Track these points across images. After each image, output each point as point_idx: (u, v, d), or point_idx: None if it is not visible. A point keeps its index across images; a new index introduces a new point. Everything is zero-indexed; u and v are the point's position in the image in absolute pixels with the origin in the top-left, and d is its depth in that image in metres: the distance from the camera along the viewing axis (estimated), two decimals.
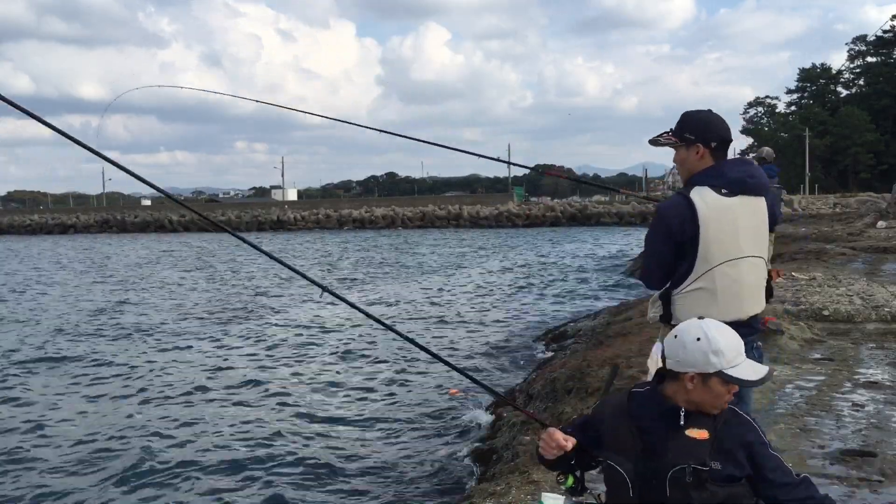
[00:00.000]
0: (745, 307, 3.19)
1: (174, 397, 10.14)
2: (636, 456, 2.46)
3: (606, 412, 2.60)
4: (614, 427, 2.54)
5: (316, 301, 19.37)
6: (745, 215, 3.15)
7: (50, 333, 15.50)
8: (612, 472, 2.51)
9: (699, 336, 2.41)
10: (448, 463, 7.23)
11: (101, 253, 44.91)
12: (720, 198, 3.09)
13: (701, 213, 3.06)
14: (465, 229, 63.75)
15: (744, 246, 3.14)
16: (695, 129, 3.21)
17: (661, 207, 3.22)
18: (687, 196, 3.11)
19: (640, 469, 2.45)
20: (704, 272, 3.10)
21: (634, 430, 2.49)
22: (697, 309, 3.02)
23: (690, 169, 3.22)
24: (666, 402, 2.49)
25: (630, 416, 2.52)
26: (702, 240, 3.08)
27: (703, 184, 3.13)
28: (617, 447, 2.51)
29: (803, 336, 8.12)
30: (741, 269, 3.14)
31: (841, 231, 22.16)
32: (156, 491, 6.90)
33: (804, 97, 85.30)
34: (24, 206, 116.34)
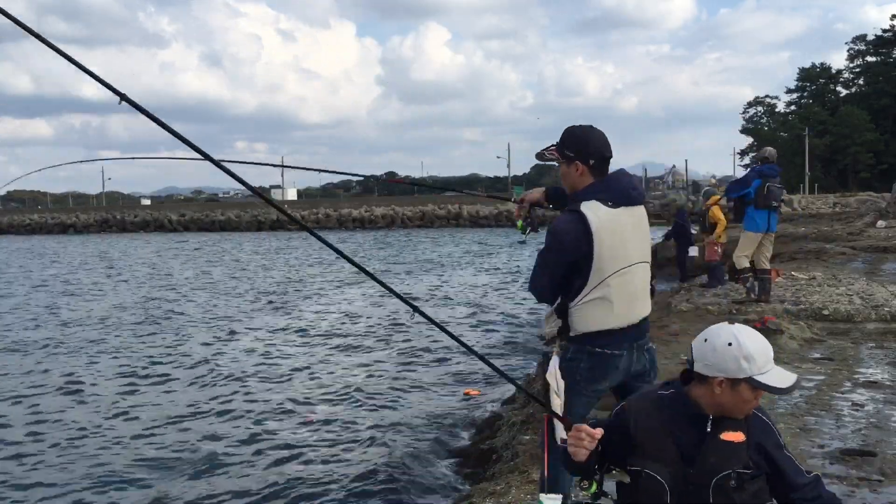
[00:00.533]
0: (637, 311, 3.34)
1: (175, 389, 10.14)
2: (674, 462, 2.42)
3: (637, 417, 2.52)
4: (648, 432, 2.48)
5: (329, 297, 19.40)
6: (632, 225, 3.29)
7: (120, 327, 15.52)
8: (648, 481, 2.45)
9: (730, 341, 2.38)
10: (449, 462, 7.23)
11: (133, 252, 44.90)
12: (609, 210, 3.22)
13: (594, 228, 3.18)
14: (465, 229, 63.74)
15: (632, 254, 3.28)
16: (574, 146, 3.33)
17: (556, 227, 3.26)
18: (579, 212, 3.21)
19: (678, 476, 2.41)
20: (599, 283, 3.22)
21: (668, 435, 2.45)
22: (595, 318, 3.22)
23: (573, 184, 3.34)
24: (692, 406, 2.45)
25: (662, 421, 2.48)
26: (596, 254, 3.19)
27: (590, 198, 3.24)
28: (653, 454, 2.45)
29: (803, 336, 8.12)
30: (632, 276, 3.28)
31: (841, 231, 22.16)
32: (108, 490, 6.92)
33: (804, 97, 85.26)
34: (24, 205, 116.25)
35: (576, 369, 3.30)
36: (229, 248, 45.44)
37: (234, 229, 72.48)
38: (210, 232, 70.92)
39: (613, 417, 2.61)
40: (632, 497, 2.52)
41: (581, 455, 2.53)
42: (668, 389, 2.54)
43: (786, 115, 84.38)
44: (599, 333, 3.26)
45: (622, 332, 3.30)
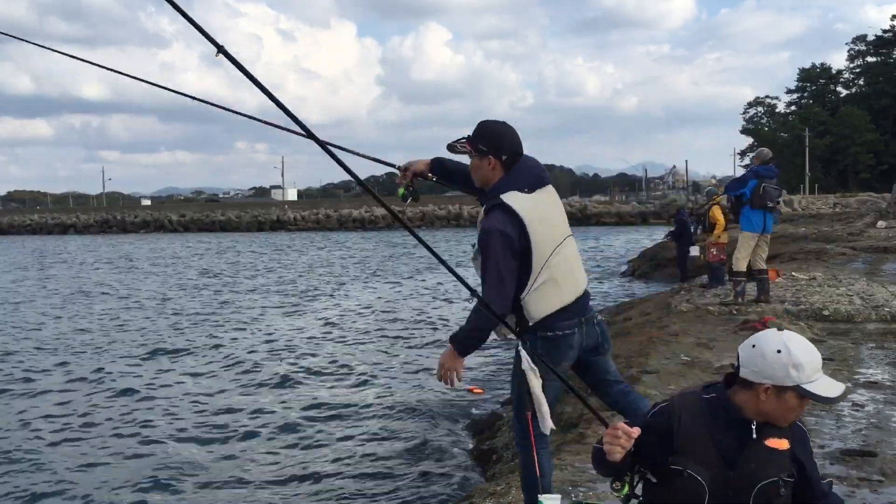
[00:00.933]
0: (580, 281, 3.47)
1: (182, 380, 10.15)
2: (715, 465, 2.40)
3: (681, 416, 2.48)
4: (691, 433, 2.44)
5: (337, 295, 19.39)
6: (549, 204, 3.43)
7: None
8: (688, 481, 2.42)
9: (780, 348, 2.34)
10: (449, 462, 7.23)
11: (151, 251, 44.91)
12: (528, 196, 3.33)
13: (524, 216, 3.26)
14: (465, 229, 63.77)
15: (560, 230, 3.41)
16: (488, 141, 3.38)
17: (493, 227, 3.26)
18: (505, 205, 3.28)
19: (718, 479, 2.39)
20: (542, 267, 3.30)
21: (710, 437, 2.43)
22: (548, 301, 3.31)
23: (484, 177, 3.42)
24: (735, 410, 2.43)
25: (705, 423, 2.44)
26: (533, 241, 3.27)
27: (506, 190, 3.32)
28: (694, 454, 2.42)
29: (803, 336, 8.12)
30: (566, 250, 3.41)
31: (841, 231, 22.16)
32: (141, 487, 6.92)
33: (804, 97, 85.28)
34: (24, 205, 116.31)
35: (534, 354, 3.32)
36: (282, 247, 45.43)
37: (235, 230, 72.50)
38: (210, 232, 70.94)
39: (655, 415, 2.56)
40: (666, 497, 2.49)
41: (616, 454, 2.46)
42: (711, 393, 2.50)
43: (786, 116, 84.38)
44: (551, 316, 3.33)
45: (570, 309, 3.37)
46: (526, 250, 3.27)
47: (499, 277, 3.25)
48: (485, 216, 3.35)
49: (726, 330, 8.49)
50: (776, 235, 22.34)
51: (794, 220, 32.30)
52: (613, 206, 68.87)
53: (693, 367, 6.93)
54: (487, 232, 3.26)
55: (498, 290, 3.26)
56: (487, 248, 3.26)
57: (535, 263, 3.29)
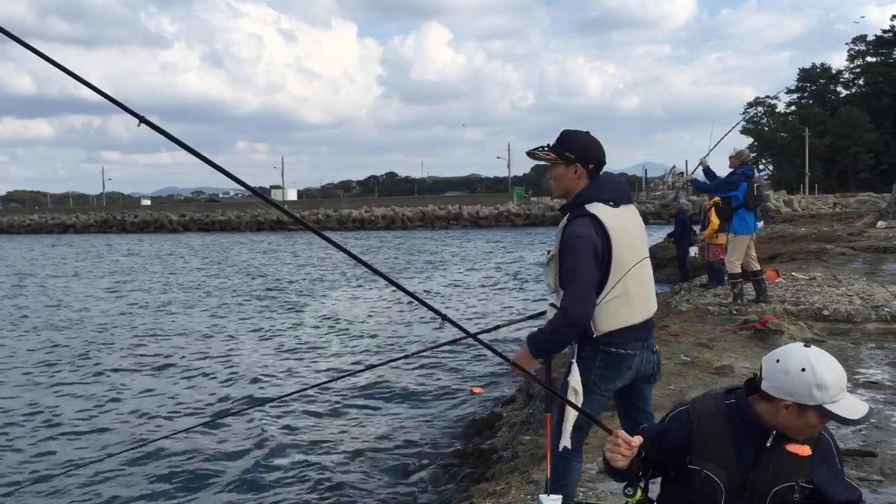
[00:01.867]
0: (651, 304, 3.43)
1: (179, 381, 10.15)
2: (733, 467, 2.40)
3: (702, 418, 2.49)
4: (711, 435, 2.45)
5: (337, 294, 19.37)
6: (633, 222, 3.40)
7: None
8: (705, 482, 2.42)
9: (804, 366, 2.29)
10: (449, 462, 7.22)
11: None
12: (613, 209, 3.32)
13: (608, 226, 3.25)
14: (465, 229, 63.74)
15: (640, 249, 3.38)
16: (576, 149, 3.37)
17: (579, 232, 3.23)
18: (591, 214, 3.26)
19: (735, 481, 2.39)
20: (619, 280, 3.27)
21: (730, 441, 2.43)
22: (617, 315, 3.26)
23: (566, 186, 3.41)
24: (755, 418, 2.41)
25: (726, 426, 2.44)
26: (614, 250, 3.25)
27: (591, 199, 3.31)
28: (713, 456, 2.42)
29: (803, 336, 8.12)
30: (644, 270, 3.38)
31: (841, 231, 22.14)
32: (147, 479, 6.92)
33: (804, 97, 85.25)
34: (24, 206, 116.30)
35: (591, 368, 3.31)
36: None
37: (235, 229, 72.51)
38: (210, 232, 70.93)
39: (675, 418, 2.56)
40: (683, 497, 2.49)
41: (619, 462, 2.49)
42: (731, 398, 2.49)
43: (786, 116, 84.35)
44: (616, 332, 3.29)
45: (636, 329, 3.34)
46: (606, 258, 3.25)
47: (585, 282, 3.21)
48: (568, 223, 3.31)
49: (726, 330, 8.48)
50: (776, 235, 22.43)
51: (794, 220, 32.27)
52: None
53: (693, 367, 6.93)
54: (575, 237, 3.23)
55: (581, 299, 3.21)
56: (573, 253, 3.22)
57: (611, 276, 3.26)
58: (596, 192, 3.34)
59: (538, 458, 5.30)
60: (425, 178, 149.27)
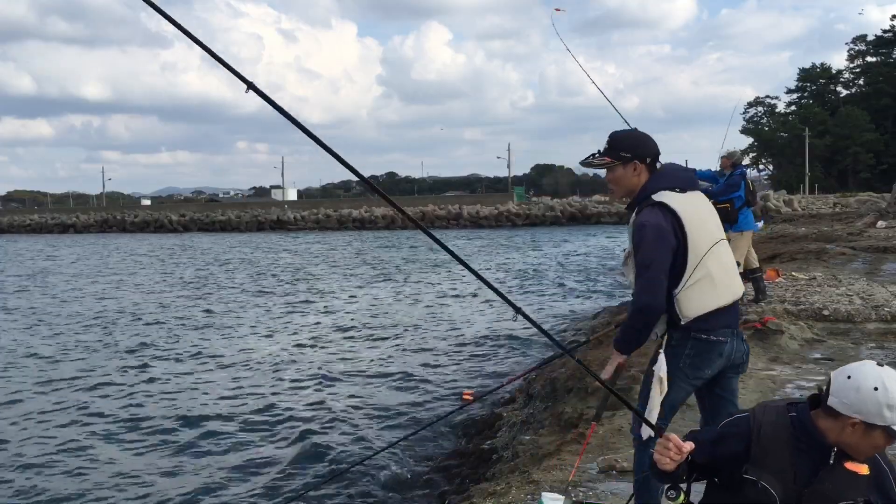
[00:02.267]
0: (735, 286, 3.38)
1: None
2: (789, 481, 2.37)
3: (763, 427, 2.45)
4: (772, 444, 2.41)
5: (339, 298, 19.38)
6: (704, 206, 3.40)
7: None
8: (761, 493, 2.39)
9: (877, 385, 2.25)
10: (448, 462, 7.22)
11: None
12: (681, 195, 3.31)
13: (680, 211, 3.23)
14: (465, 229, 63.74)
15: (715, 231, 3.36)
16: (630, 147, 3.37)
17: (651, 221, 3.22)
18: (660, 202, 3.25)
19: (790, 494, 2.36)
20: (698, 263, 3.23)
21: (789, 454, 2.39)
22: (703, 298, 3.22)
23: (628, 185, 3.39)
24: (817, 433, 2.38)
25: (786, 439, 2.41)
26: (689, 234, 3.23)
27: (656, 189, 3.30)
28: (769, 467, 2.39)
29: (803, 336, 8.12)
30: (722, 251, 3.34)
31: (841, 231, 22.13)
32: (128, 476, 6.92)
33: (804, 97, 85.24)
34: (24, 205, 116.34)
35: (680, 356, 3.26)
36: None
37: (235, 229, 72.51)
38: (210, 232, 70.94)
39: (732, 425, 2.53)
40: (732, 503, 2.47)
41: (667, 465, 2.46)
42: (793, 411, 2.46)
43: (786, 116, 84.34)
44: (705, 317, 3.25)
45: (724, 313, 3.29)
46: (681, 245, 3.22)
47: (654, 272, 3.18)
48: (636, 215, 3.30)
49: None
50: (776, 235, 22.41)
51: (794, 220, 32.27)
52: (613, 206, 68.82)
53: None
54: (641, 227, 3.22)
55: (650, 289, 3.19)
56: (641, 242, 3.20)
57: (689, 260, 3.23)
58: (660, 182, 3.33)
59: (538, 458, 5.30)
60: (425, 178, 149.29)
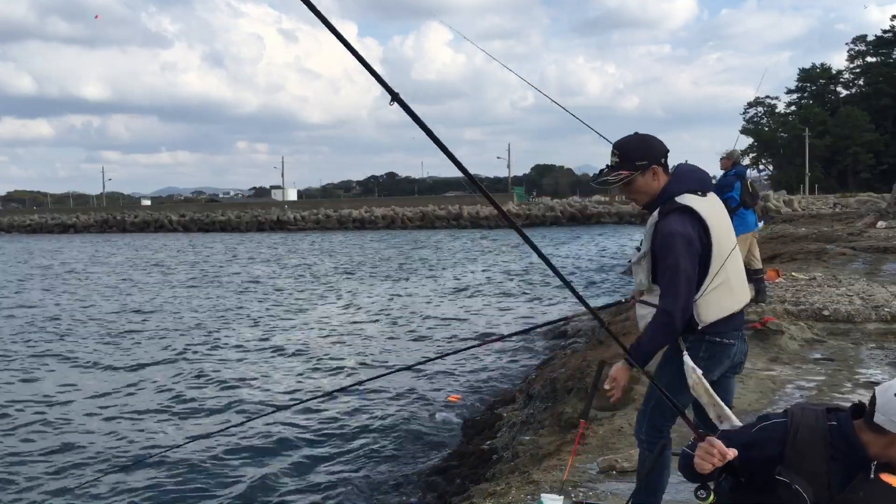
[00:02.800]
0: (746, 290, 3.40)
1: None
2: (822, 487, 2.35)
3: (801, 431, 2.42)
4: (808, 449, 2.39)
5: (332, 302, 19.38)
6: (721, 210, 3.35)
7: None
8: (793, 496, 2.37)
9: None
10: (448, 462, 7.22)
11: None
12: (702, 199, 3.26)
13: (705, 216, 3.19)
14: (465, 229, 63.70)
15: (732, 236, 3.33)
16: (644, 153, 3.28)
17: (680, 229, 3.16)
18: (686, 207, 3.20)
19: (823, 500, 2.35)
20: (720, 268, 3.21)
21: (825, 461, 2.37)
22: (719, 305, 3.22)
23: (651, 192, 3.30)
24: (859, 446, 2.36)
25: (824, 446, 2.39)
26: (714, 239, 3.20)
27: (680, 191, 3.25)
28: (804, 471, 2.37)
29: (803, 336, 8.11)
30: (737, 255, 3.33)
31: (841, 231, 22.13)
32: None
33: (804, 97, 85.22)
34: (24, 206, 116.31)
35: (694, 359, 3.25)
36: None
37: (235, 230, 72.49)
38: (211, 232, 70.92)
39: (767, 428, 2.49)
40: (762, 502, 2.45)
41: (707, 469, 2.43)
42: (834, 420, 2.44)
43: (786, 116, 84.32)
44: (721, 322, 3.25)
45: (736, 317, 3.31)
46: (706, 249, 3.20)
47: (684, 284, 3.14)
48: (661, 219, 3.23)
49: None
50: (776, 235, 22.41)
51: (794, 220, 32.26)
52: (613, 206, 68.79)
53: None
54: (670, 236, 3.15)
55: (678, 299, 3.14)
56: (671, 253, 3.14)
57: (713, 265, 3.21)
58: (682, 184, 3.27)
59: (538, 458, 5.30)
60: (425, 178, 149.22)
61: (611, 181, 3.29)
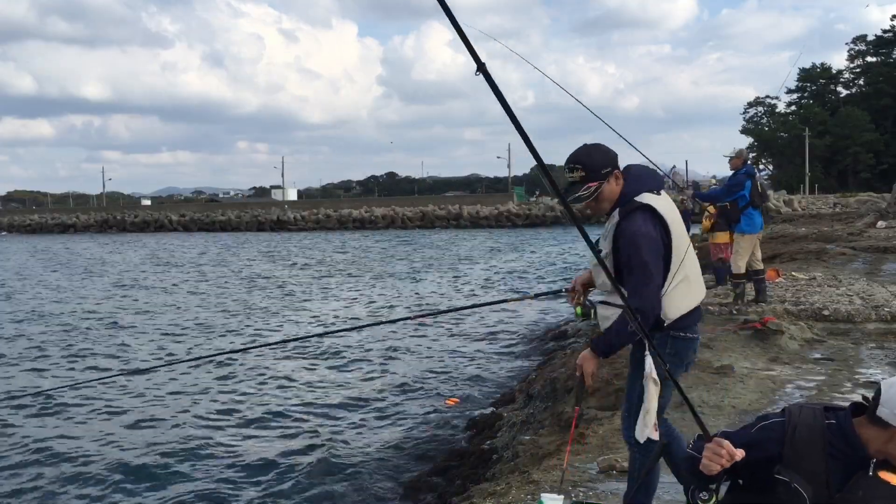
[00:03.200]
0: (703, 285, 3.49)
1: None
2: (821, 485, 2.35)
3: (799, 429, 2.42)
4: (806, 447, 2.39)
5: (325, 302, 19.36)
6: (674, 208, 3.40)
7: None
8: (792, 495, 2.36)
9: None
10: (448, 462, 7.22)
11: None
12: (659, 197, 3.34)
13: (664, 213, 3.27)
14: (465, 229, 63.70)
15: (686, 232, 3.40)
16: (605, 161, 3.32)
17: (639, 229, 3.21)
18: (645, 205, 3.26)
19: (821, 499, 2.34)
20: (680, 265, 3.28)
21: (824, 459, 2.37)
22: (683, 300, 3.29)
23: (613, 197, 3.34)
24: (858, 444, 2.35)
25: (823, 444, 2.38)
26: (673, 237, 3.27)
27: (638, 192, 3.30)
28: (802, 470, 2.37)
29: (803, 336, 8.11)
30: (692, 251, 3.41)
31: (841, 231, 22.13)
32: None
33: (804, 97, 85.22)
34: (24, 206, 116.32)
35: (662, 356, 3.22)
36: None
37: (235, 229, 72.50)
38: (211, 232, 70.95)
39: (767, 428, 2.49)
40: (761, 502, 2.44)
41: (715, 471, 2.42)
42: (832, 418, 2.44)
43: (786, 116, 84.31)
44: (685, 317, 3.31)
45: (696, 311, 3.39)
46: (667, 249, 3.26)
47: (653, 279, 3.19)
48: (623, 220, 3.27)
49: (726, 330, 8.48)
50: (776, 235, 22.41)
51: (794, 220, 32.27)
52: None
53: (692, 367, 6.91)
54: (635, 235, 3.20)
55: (647, 296, 3.18)
56: (637, 250, 3.19)
57: (673, 262, 3.27)
58: (640, 184, 3.33)
59: (538, 458, 5.30)
60: (425, 178, 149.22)
61: (584, 196, 3.29)
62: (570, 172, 3.31)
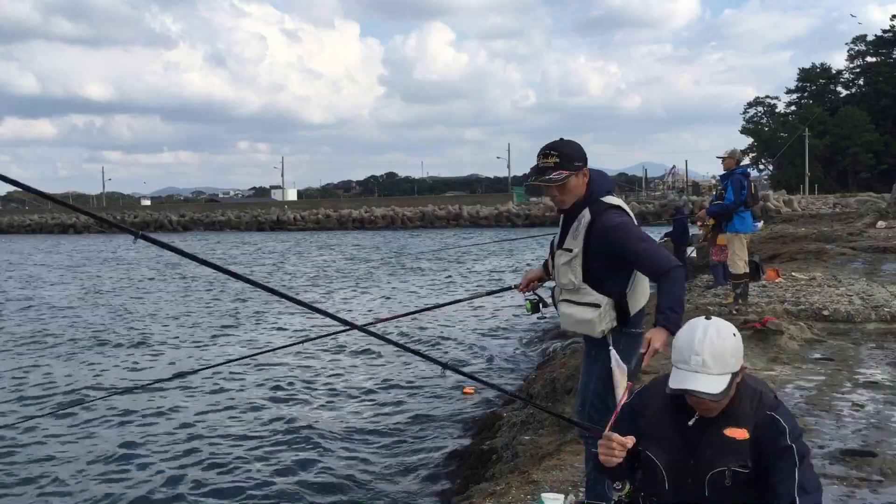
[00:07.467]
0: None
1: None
2: (675, 451, 2.43)
3: (649, 402, 2.55)
4: (656, 418, 2.50)
5: (337, 293, 19.34)
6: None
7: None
8: (648, 464, 2.46)
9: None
10: (448, 462, 7.23)
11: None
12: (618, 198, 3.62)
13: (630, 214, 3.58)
14: (465, 229, 63.70)
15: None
16: (580, 156, 3.51)
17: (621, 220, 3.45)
18: (617, 205, 3.51)
19: (677, 465, 2.41)
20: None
21: (674, 423, 2.46)
22: (642, 294, 3.53)
23: (578, 193, 3.51)
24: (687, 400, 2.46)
25: (671, 409, 2.49)
26: None
27: (602, 192, 3.53)
28: (656, 437, 2.47)
29: (803, 336, 8.11)
30: None
31: (841, 231, 22.13)
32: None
33: (804, 97, 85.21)
34: (24, 206, 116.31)
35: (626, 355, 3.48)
36: None
37: (235, 229, 72.51)
38: (212, 232, 70.95)
39: (628, 404, 2.67)
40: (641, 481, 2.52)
41: (614, 462, 2.50)
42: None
43: (786, 116, 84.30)
44: (636, 313, 3.51)
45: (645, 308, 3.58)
46: None
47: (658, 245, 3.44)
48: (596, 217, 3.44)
49: None
50: (776, 235, 22.41)
51: (794, 220, 32.27)
52: None
53: None
54: (618, 225, 3.40)
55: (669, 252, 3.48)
56: (632, 235, 3.39)
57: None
58: (603, 185, 3.55)
59: (538, 458, 5.31)
60: (425, 178, 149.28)
61: (554, 179, 3.43)
62: (545, 158, 3.46)
